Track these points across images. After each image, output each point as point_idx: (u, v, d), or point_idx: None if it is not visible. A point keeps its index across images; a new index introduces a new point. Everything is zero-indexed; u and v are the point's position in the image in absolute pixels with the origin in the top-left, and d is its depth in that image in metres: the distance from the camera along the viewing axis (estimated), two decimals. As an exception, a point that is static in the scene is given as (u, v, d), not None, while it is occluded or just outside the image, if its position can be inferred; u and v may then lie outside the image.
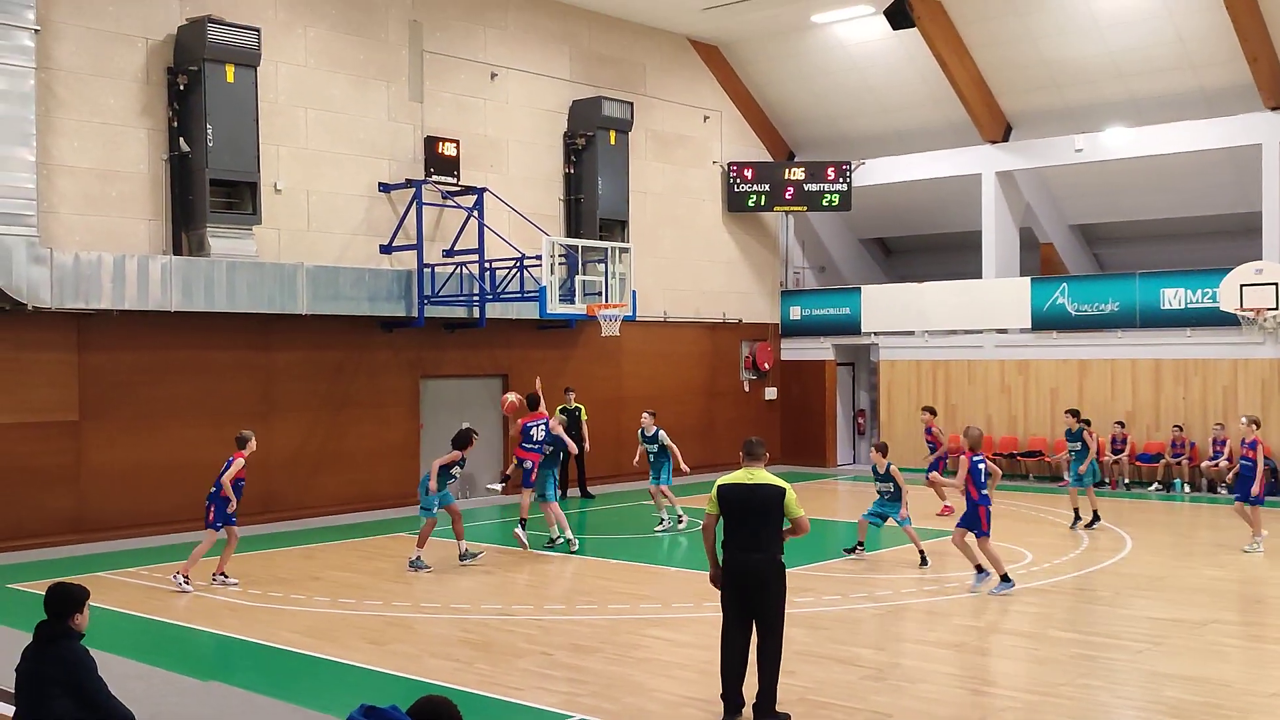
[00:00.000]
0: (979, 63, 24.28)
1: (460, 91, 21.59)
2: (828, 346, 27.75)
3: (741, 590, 8.42)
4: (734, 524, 8.46)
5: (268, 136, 18.53)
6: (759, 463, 8.62)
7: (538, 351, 22.67)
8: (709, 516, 8.63)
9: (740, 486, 8.48)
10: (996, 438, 25.02)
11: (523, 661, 10.29)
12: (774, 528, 8.43)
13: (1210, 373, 22.42)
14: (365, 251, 20.07)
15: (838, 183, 26.53)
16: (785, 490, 8.43)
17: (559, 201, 23.21)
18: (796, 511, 8.44)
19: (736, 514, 8.46)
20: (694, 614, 12.21)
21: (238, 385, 18.57)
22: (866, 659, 10.32)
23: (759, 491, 8.43)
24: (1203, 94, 22.97)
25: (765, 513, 8.40)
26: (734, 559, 8.46)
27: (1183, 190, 24.84)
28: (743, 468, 8.61)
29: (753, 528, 8.39)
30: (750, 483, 8.47)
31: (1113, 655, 10.37)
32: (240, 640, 11.16)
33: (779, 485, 8.44)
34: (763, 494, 8.42)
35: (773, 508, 8.39)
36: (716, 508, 8.54)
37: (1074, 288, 24.19)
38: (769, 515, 8.40)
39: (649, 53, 25.12)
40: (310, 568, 15.08)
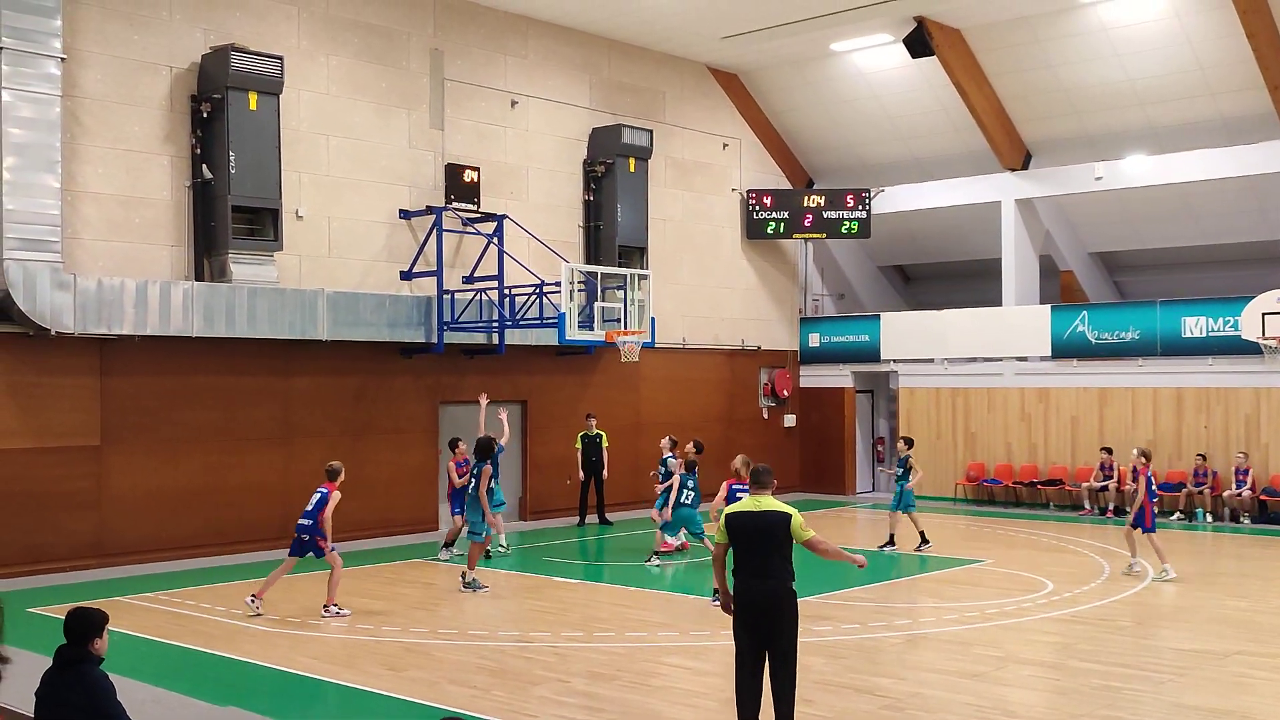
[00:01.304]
0: (998, 90, 24.31)
1: (481, 119, 21.72)
2: (847, 374, 27.70)
3: (753, 619, 8.39)
4: (742, 552, 8.45)
5: (289, 163, 18.66)
6: (766, 490, 8.61)
7: (557, 378, 22.71)
8: (718, 546, 8.66)
9: (747, 514, 8.47)
10: (1016, 466, 24.91)
11: (540, 689, 10.26)
12: (783, 555, 8.37)
13: (1232, 401, 22.29)
14: (386, 278, 20.16)
15: (857, 210, 26.55)
16: (791, 515, 8.40)
17: (578, 228, 23.28)
18: (804, 534, 8.39)
19: (744, 542, 8.44)
20: (712, 642, 12.15)
21: (258, 411, 18.65)
22: (885, 688, 10.25)
23: (765, 519, 8.40)
24: (1223, 121, 22.93)
25: (773, 540, 8.36)
26: (744, 587, 8.44)
27: (1203, 218, 24.77)
28: (750, 495, 8.63)
29: (761, 556, 8.37)
30: (757, 510, 8.45)
31: (1135, 686, 10.28)
32: (258, 665, 11.17)
33: (785, 511, 8.42)
34: (769, 521, 8.39)
35: (780, 534, 8.36)
36: (725, 537, 8.54)
37: (1094, 316, 24.11)
38: (777, 542, 8.36)
39: (668, 81, 25.23)
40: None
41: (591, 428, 21.80)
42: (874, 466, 28.62)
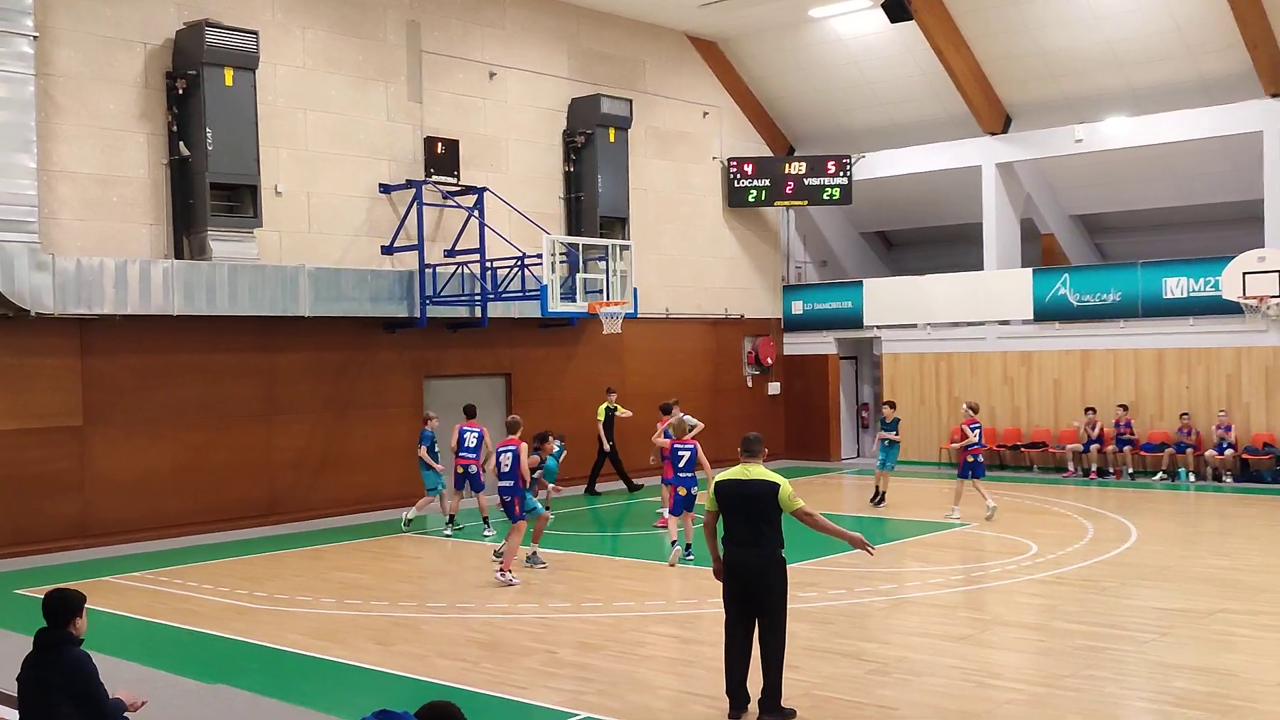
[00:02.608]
0: (977, 54, 24.25)
1: (459, 91, 21.60)
2: (830, 341, 27.75)
3: (741, 587, 8.44)
4: (731, 521, 8.50)
5: (267, 139, 18.55)
6: (756, 459, 8.63)
7: (540, 350, 22.69)
8: (708, 514, 8.70)
9: (735, 483, 8.51)
10: (1000, 429, 25.02)
11: (528, 660, 10.30)
12: (770, 524, 8.40)
13: (1213, 361, 22.40)
14: (367, 253, 20.09)
15: (838, 177, 26.52)
16: (779, 485, 8.40)
17: (559, 200, 23.21)
18: (793, 504, 8.37)
19: (732, 510, 8.49)
20: (699, 610, 12.22)
21: (241, 388, 18.60)
22: (872, 653, 10.32)
23: (753, 487, 8.43)
24: (1202, 82, 22.94)
25: (760, 509, 8.38)
26: (732, 555, 8.49)
27: (1183, 179, 24.81)
28: (740, 464, 8.63)
29: (748, 524, 8.41)
30: (744, 479, 8.48)
31: (1119, 646, 10.37)
32: (246, 643, 11.18)
33: (773, 480, 8.42)
34: (756, 490, 8.42)
35: (768, 503, 8.37)
36: (715, 505, 8.60)
37: (1076, 278, 24.18)
38: (764, 511, 8.38)
39: (647, 49, 25.11)
40: (316, 569, 15.10)
41: (611, 400, 22.15)
42: (859, 432, 28.72)
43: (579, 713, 8.74)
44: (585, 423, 22.47)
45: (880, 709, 8.67)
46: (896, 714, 8.54)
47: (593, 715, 8.68)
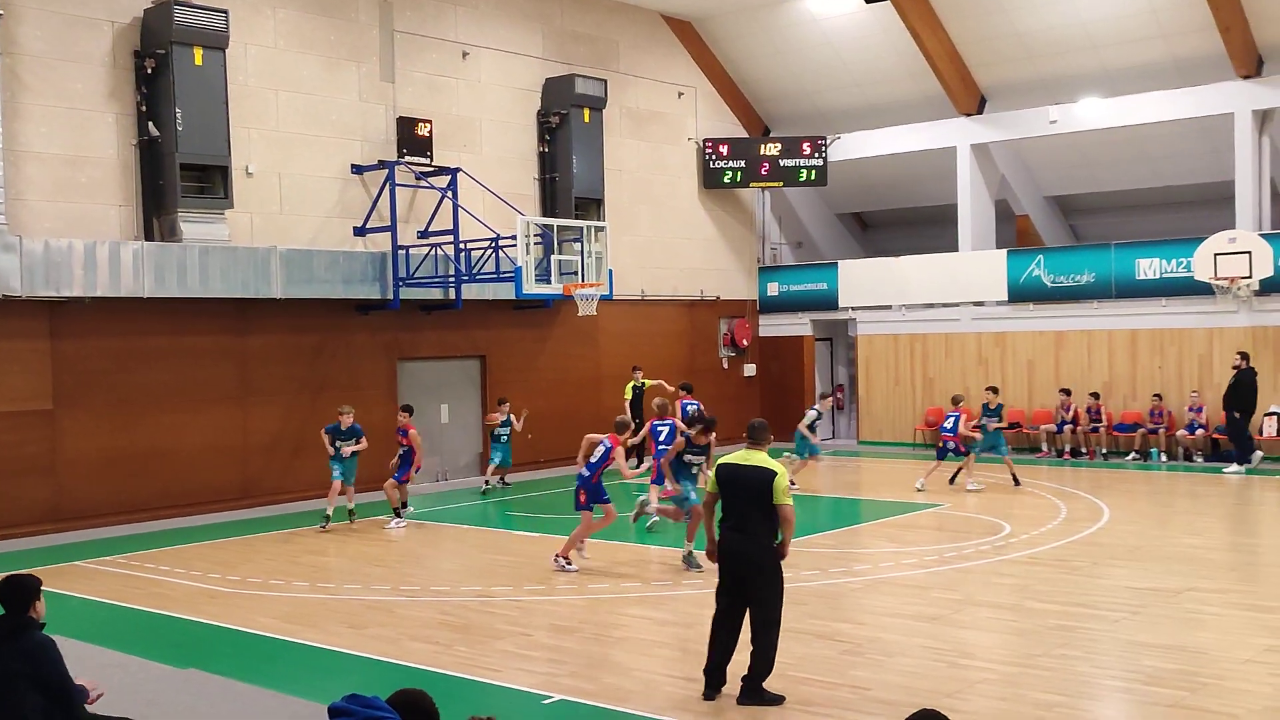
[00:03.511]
0: (952, 35, 24.24)
1: (432, 71, 21.45)
2: (806, 322, 27.77)
3: (732, 571, 8.47)
4: (727, 505, 8.54)
5: (238, 119, 18.38)
6: (760, 446, 8.62)
7: (515, 332, 22.62)
8: (708, 495, 8.79)
9: (734, 467, 8.51)
10: (975, 410, 25.05)
11: (502, 643, 10.28)
12: (763, 511, 8.37)
13: (1186, 342, 22.52)
14: (339, 234, 19.95)
15: (813, 158, 26.50)
16: (775, 475, 8.35)
17: (534, 181, 23.10)
18: (780, 499, 8.32)
19: (730, 495, 8.52)
20: (674, 592, 12.22)
21: (214, 371, 18.47)
22: (846, 633, 10.34)
23: (748, 473, 8.42)
24: (1175, 64, 22.99)
25: (754, 495, 8.36)
26: (725, 539, 8.53)
27: (1157, 160, 24.90)
28: (744, 449, 8.65)
29: (742, 510, 8.43)
30: (744, 464, 8.48)
31: (1091, 625, 10.42)
32: (218, 627, 11.12)
33: (770, 469, 8.38)
34: (752, 476, 8.41)
35: (762, 491, 8.33)
36: (714, 487, 8.64)
37: (1050, 259, 24.25)
38: (758, 498, 8.35)
39: (622, 29, 25.00)
40: (289, 552, 15.04)
41: (638, 379, 22.57)
42: (834, 414, 28.77)
43: (553, 695, 8.72)
44: (560, 404, 22.42)
45: (853, 689, 8.68)
46: (869, 694, 8.56)
47: (566, 697, 8.67)
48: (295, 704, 8.62)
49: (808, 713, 8.20)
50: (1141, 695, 8.49)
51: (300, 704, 8.57)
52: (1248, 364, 20.91)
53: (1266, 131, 22.46)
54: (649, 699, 8.60)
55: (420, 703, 4.87)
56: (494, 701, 8.66)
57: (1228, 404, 20.88)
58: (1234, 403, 20.76)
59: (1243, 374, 20.81)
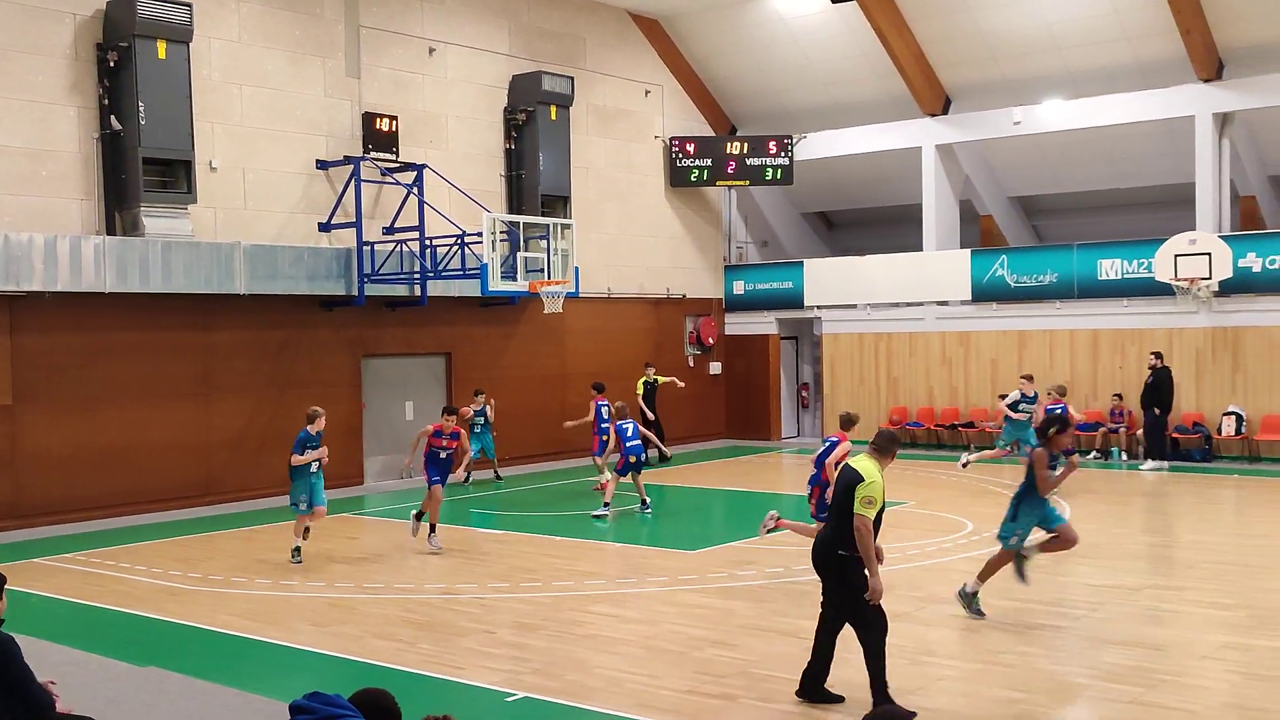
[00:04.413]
0: (918, 36, 24.37)
1: (398, 67, 21.37)
2: (771, 321, 27.86)
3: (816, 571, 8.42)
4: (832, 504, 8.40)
5: (202, 114, 18.25)
6: (879, 456, 8.30)
7: (480, 329, 22.57)
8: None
9: (844, 466, 8.43)
10: (938, 409, 25.27)
11: (465, 640, 10.27)
12: (842, 514, 8.13)
13: (1146, 342, 22.73)
14: (304, 230, 19.85)
15: (779, 157, 26.58)
16: (860, 480, 8.05)
17: (500, 178, 23.06)
18: (858, 508, 8.00)
19: (835, 493, 8.37)
20: (638, 589, 12.24)
21: (176, 366, 18.33)
22: (810, 630, 10.31)
23: (843, 473, 8.29)
24: (1138, 66, 23.21)
25: (840, 495, 8.18)
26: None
27: (1119, 162, 25.13)
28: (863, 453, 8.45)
29: (833, 509, 8.29)
30: (848, 464, 8.34)
31: (1052, 622, 10.52)
32: (180, 624, 11.04)
33: (859, 474, 8.11)
34: (844, 475, 8.26)
35: (846, 493, 8.10)
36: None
37: (1013, 259, 24.44)
38: (843, 500, 8.13)
39: (589, 27, 24.98)
40: (252, 550, 14.94)
41: (650, 374, 23.28)
42: (799, 412, 28.89)
43: (516, 692, 8.72)
44: (525, 402, 22.40)
45: (816, 686, 8.71)
46: (831, 691, 8.58)
47: (530, 694, 8.67)
48: (257, 702, 8.57)
49: (771, 710, 8.23)
50: (1100, 692, 8.58)
51: (262, 702, 8.53)
52: (1162, 363, 21.29)
53: (1226, 134, 22.72)
54: (612, 696, 8.61)
55: (381, 701, 4.88)
56: (457, 699, 8.65)
57: (1146, 402, 21.37)
58: (1153, 401, 21.17)
59: (1160, 373, 21.23)
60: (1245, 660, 9.23)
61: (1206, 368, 22.17)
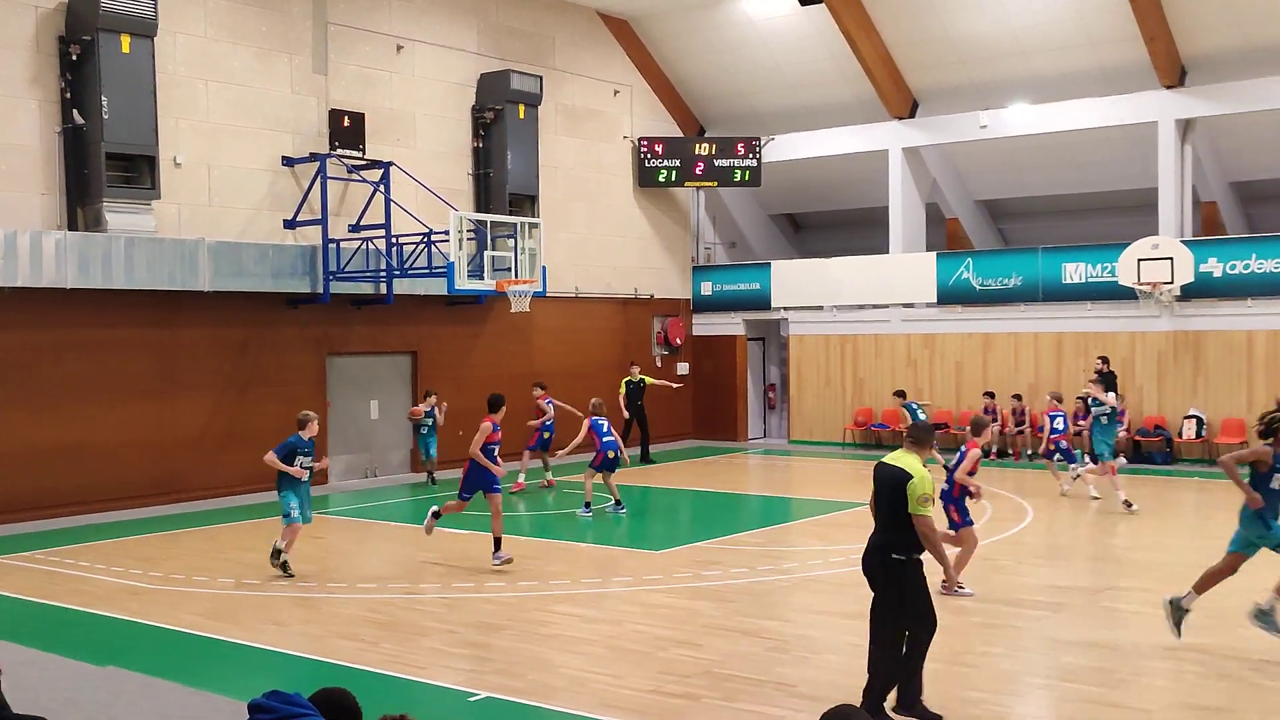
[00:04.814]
0: (886, 39, 24.48)
1: (365, 64, 21.27)
2: (738, 321, 27.91)
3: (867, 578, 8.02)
4: (875, 505, 8.05)
5: (166, 109, 18.10)
6: (917, 448, 8.01)
7: (447, 328, 22.50)
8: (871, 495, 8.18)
9: (882, 465, 8.02)
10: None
11: (428, 640, 10.23)
12: (895, 515, 7.77)
13: (1109, 346, 22.91)
14: (269, 227, 19.72)
15: (748, 158, 26.63)
16: (910, 477, 7.70)
17: (468, 176, 22.99)
18: (918, 508, 7.63)
19: (877, 495, 8.00)
20: (603, 589, 12.23)
21: (138, 364, 18.16)
22: (772, 630, 10.41)
23: (888, 472, 7.88)
24: (1102, 72, 23.41)
25: (888, 497, 7.82)
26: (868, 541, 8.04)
27: (1084, 166, 25.33)
28: (901, 450, 8.11)
29: (878, 511, 7.96)
30: (890, 463, 7.95)
31: (1013, 622, 10.59)
32: (140, 624, 10.94)
33: (907, 471, 7.76)
34: (888, 475, 7.87)
35: (892, 492, 7.77)
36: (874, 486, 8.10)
37: (978, 262, 24.58)
38: (890, 501, 7.79)
39: (558, 26, 24.95)
40: (214, 548, 14.84)
41: (635, 374, 23.40)
42: (765, 412, 28.96)
43: (479, 692, 8.69)
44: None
45: (779, 686, 8.75)
46: (795, 691, 8.62)
47: (492, 694, 8.65)
48: (217, 701, 8.50)
49: (733, 709, 8.24)
50: (1060, 691, 8.64)
51: (222, 701, 8.46)
52: (1108, 367, 21.49)
53: (1189, 140, 22.94)
54: (576, 696, 8.59)
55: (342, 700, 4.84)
56: (419, 699, 8.61)
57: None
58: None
59: (1106, 377, 21.40)
60: (1202, 660, 9.32)
61: (1168, 371, 22.39)
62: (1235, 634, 9.77)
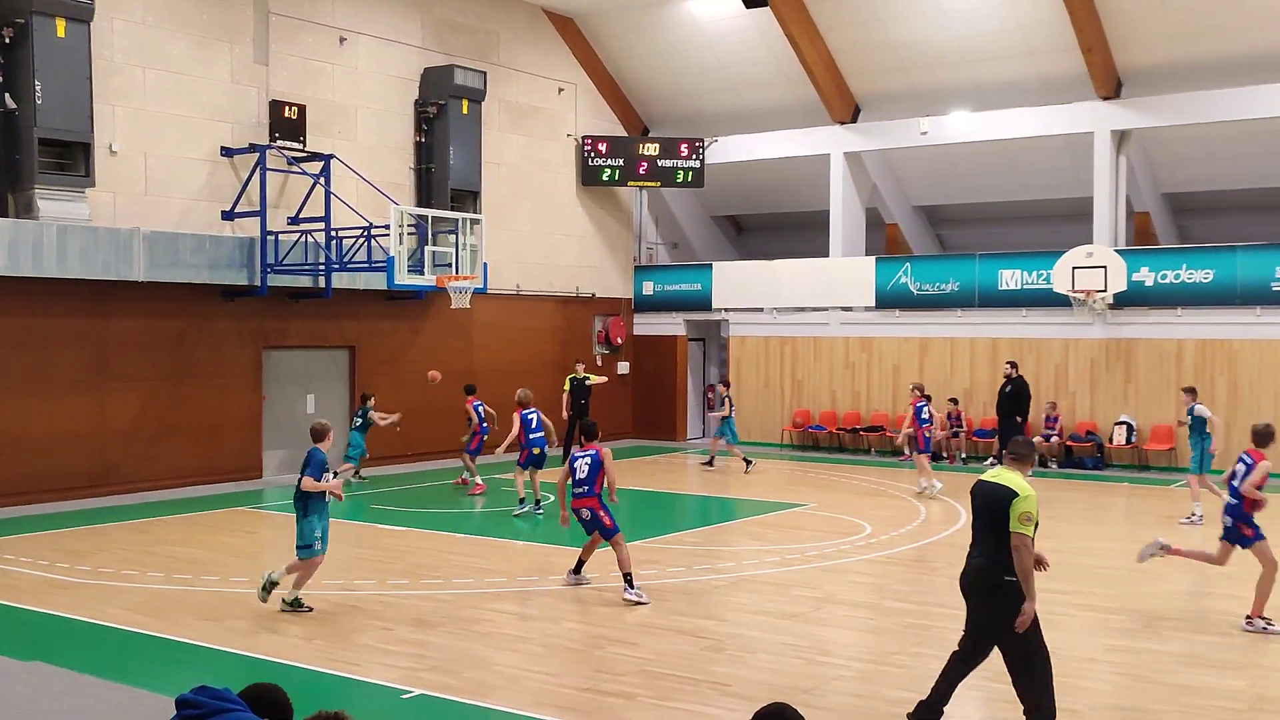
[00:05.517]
0: (830, 44, 24.65)
1: (307, 55, 21.05)
2: (679, 322, 27.98)
3: (964, 597, 7.75)
4: (973, 524, 7.79)
5: (103, 96, 17.80)
6: (1019, 464, 7.73)
7: (386, 323, 22.33)
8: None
9: (982, 483, 7.76)
10: (840, 413, 25.57)
11: (363, 637, 10.15)
12: (997, 534, 7.45)
13: (1044, 351, 23.26)
14: (206, 218, 19.46)
15: (691, 159, 26.70)
16: (1015, 496, 7.41)
17: (409, 171, 22.84)
18: (1016, 525, 7.34)
19: (975, 513, 7.73)
20: (540, 587, 12.20)
21: (70, 355, 17.84)
22: (708, 629, 10.45)
23: (989, 490, 7.60)
24: (1041, 82, 23.73)
25: (992, 516, 7.52)
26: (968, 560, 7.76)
27: (1021, 174, 25.68)
28: (1001, 466, 7.88)
29: (977, 529, 7.70)
30: (991, 480, 7.69)
31: (944, 624, 10.67)
32: (66, 618, 10.75)
33: (1011, 489, 7.46)
34: (989, 493, 7.58)
35: (995, 510, 7.48)
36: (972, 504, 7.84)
37: (917, 267, 24.83)
38: (990, 518, 7.53)
39: (503, 22, 24.85)
40: (144, 542, 14.61)
41: (579, 371, 23.00)
42: (704, 413, 29.05)
43: (413, 690, 8.64)
44: (431, 398, 22.23)
45: (713, 685, 8.78)
46: (729, 690, 8.66)
47: (427, 692, 8.60)
48: (144, 698, 8.37)
49: (667, 708, 8.25)
50: (989, 692, 8.74)
51: (150, 697, 8.33)
52: (1017, 372, 21.99)
53: (1123, 151, 23.34)
54: (511, 694, 8.57)
55: (272, 696, 4.78)
56: (353, 696, 8.54)
57: (1007, 410, 21.88)
58: (1015, 408, 21.78)
59: (1018, 381, 21.83)
60: (1129, 662, 9.48)
61: (1100, 378, 22.75)
62: (1161, 636, 9.95)
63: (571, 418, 23.41)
